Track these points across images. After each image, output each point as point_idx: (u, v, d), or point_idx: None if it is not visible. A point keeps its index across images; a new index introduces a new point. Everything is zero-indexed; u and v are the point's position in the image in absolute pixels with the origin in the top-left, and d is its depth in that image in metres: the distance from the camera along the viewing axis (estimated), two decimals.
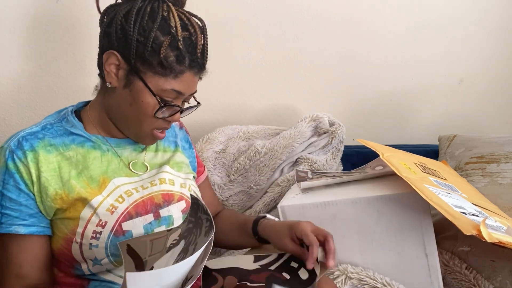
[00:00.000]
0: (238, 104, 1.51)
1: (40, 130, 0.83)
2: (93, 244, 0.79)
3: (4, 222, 0.77)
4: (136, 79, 0.80)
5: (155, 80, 0.80)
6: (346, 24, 1.50)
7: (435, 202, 0.85)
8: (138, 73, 0.80)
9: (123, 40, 0.79)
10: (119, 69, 0.81)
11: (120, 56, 0.80)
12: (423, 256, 0.94)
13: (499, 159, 1.22)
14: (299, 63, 1.51)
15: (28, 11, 1.24)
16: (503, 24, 1.60)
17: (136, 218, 0.82)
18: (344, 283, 0.93)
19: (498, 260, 0.94)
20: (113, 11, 0.82)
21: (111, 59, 0.81)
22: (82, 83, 1.33)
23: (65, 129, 0.84)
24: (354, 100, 1.59)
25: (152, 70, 0.79)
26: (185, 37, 0.80)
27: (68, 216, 0.79)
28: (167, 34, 0.79)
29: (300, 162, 1.31)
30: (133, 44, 0.78)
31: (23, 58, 1.28)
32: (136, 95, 0.81)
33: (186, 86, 0.82)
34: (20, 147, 0.79)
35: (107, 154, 0.86)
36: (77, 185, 0.80)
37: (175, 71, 0.80)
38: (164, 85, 0.80)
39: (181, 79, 0.81)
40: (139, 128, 0.84)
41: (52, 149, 0.81)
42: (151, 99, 0.80)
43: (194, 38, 0.81)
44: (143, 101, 0.81)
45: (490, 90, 1.66)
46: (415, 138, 1.65)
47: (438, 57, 1.59)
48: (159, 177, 0.88)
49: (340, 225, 0.97)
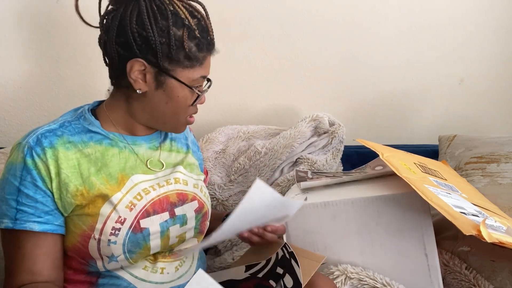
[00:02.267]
0: (238, 104, 1.51)
1: (58, 127, 0.83)
2: (111, 240, 0.79)
3: (19, 218, 0.77)
4: (167, 78, 0.82)
5: (185, 74, 0.83)
6: (347, 24, 1.50)
7: (435, 202, 0.85)
8: (168, 72, 0.82)
9: (145, 46, 0.80)
10: (145, 74, 0.82)
11: (145, 62, 0.81)
12: (423, 256, 0.94)
13: (499, 159, 1.22)
14: (299, 63, 1.51)
15: (28, 11, 1.24)
16: (504, 24, 1.60)
17: (153, 216, 0.83)
18: (344, 283, 0.93)
19: (498, 260, 0.94)
20: (116, 18, 0.81)
21: (136, 67, 0.81)
22: (82, 83, 1.33)
23: (83, 126, 0.85)
24: (354, 100, 1.59)
25: (181, 66, 0.82)
26: (197, 24, 0.83)
27: (86, 212, 0.80)
28: (182, 27, 0.81)
29: (300, 162, 1.31)
30: (158, 47, 0.79)
31: (23, 58, 1.28)
32: (170, 92, 0.83)
33: (208, 68, 0.87)
34: (39, 144, 0.79)
35: (124, 151, 0.87)
36: (97, 182, 0.81)
37: (199, 60, 0.84)
38: (194, 75, 0.84)
39: (205, 64, 0.85)
40: (176, 120, 0.88)
41: (71, 146, 0.82)
42: (187, 92, 0.84)
43: (203, 22, 0.84)
44: (179, 96, 0.84)
45: (490, 90, 1.66)
46: (415, 138, 1.65)
47: (438, 57, 1.59)
48: (174, 177, 0.90)
49: (340, 225, 0.97)
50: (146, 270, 0.85)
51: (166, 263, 0.87)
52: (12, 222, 0.77)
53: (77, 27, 0.88)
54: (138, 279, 0.84)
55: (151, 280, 0.85)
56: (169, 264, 0.87)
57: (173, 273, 0.88)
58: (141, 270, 0.84)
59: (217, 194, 1.30)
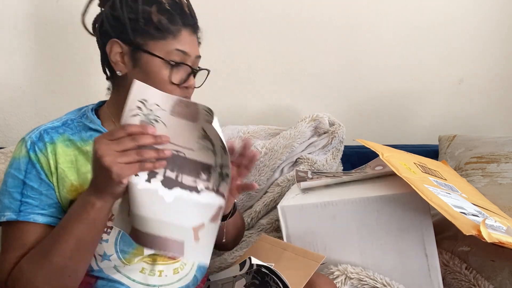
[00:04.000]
0: (238, 104, 1.51)
1: (61, 125, 0.86)
2: (103, 238, 0.80)
3: (23, 210, 0.79)
4: (141, 53, 0.83)
5: (158, 46, 0.83)
6: (347, 24, 1.50)
7: (435, 202, 0.85)
8: (140, 47, 0.83)
9: (117, 26, 0.83)
10: (123, 56, 0.84)
11: (120, 41, 0.83)
12: (423, 256, 0.93)
13: (499, 159, 1.22)
14: (299, 63, 1.51)
15: (28, 11, 1.24)
16: (503, 24, 1.60)
17: None
18: (344, 283, 0.93)
19: (498, 260, 0.94)
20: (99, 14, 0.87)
21: (114, 48, 0.84)
22: (82, 83, 1.33)
23: (84, 124, 0.87)
24: (354, 100, 1.59)
25: (151, 38, 0.82)
26: (169, 1, 0.84)
27: None
28: (153, 3, 0.83)
29: (300, 162, 1.31)
30: (127, 24, 0.82)
31: (23, 58, 1.28)
32: (146, 68, 0.83)
33: (188, 45, 0.85)
34: (41, 139, 0.82)
35: None
36: None
37: (172, 32, 0.83)
38: (168, 47, 0.83)
39: (181, 38, 0.84)
40: None
41: (70, 144, 0.84)
42: (161, 63, 0.83)
43: (178, 0, 0.85)
44: (154, 70, 0.83)
45: (490, 90, 1.66)
46: (415, 138, 1.65)
47: (438, 57, 1.59)
48: None
49: (340, 225, 0.97)
50: (144, 273, 0.85)
51: (165, 266, 0.87)
52: (16, 214, 0.78)
53: (77, 27, 0.89)
54: (136, 282, 0.84)
55: (149, 283, 0.84)
56: (167, 266, 0.87)
57: (172, 276, 0.87)
58: (138, 273, 0.84)
59: None
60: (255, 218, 1.27)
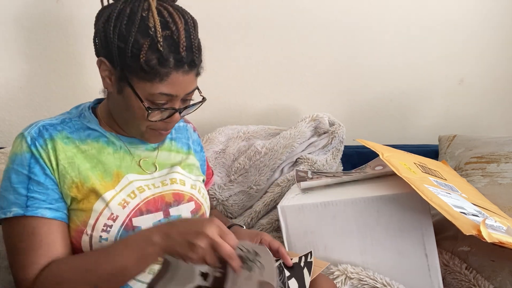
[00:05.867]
0: (238, 104, 1.51)
1: (59, 123, 0.85)
2: (103, 237, 0.80)
3: (31, 205, 0.78)
4: (125, 85, 0.78)
5: (142, 86, 0.77)
6: (347, 24, 1.50)
7: (435, 202, 0.85)
8: (126, 79, 0.78)
9: (106, 47, 0.78)
10: (111, 75, 0.81)
11: (108, 62, 0.79)
12: (423, 256, 0.94)
13: (499, 159, 1.22)
14: (299, 63, 1.51)
15: (28, 11, 1.24)
16: (504, 24, 1.60)
17: (146, 215, 0.83)
18: (344, 283, 0.93)
19: (498, 260, 0.94)
20: (102, 15, 0.81)
21: (103, 66, 0.81)
22: (81, 83, 1.33)
23: (82, 123, 0.86)
24: (354, 100, 1.59)
25: (136, 76, 0.77)
26: (166, 36, 0.76)
27: (81, 208, 0.80)
28: (147, 36, 0.75)
29: (300, 162, 1.31)
30: (115, 51, 0.76)
31: (23, 58, 1.28)
32: (128, 100, 0.80)
33: (177, 88, 0.79)
34: (41, 135, 0.81)
35: (119, 151, 0.87)
36: (92, 176, 0.82)
37: (160, 74, 0.76)
38: (151, 90, 0.77)
39: (169, 82, 0.77)
40: (139, 130, 0.84)
41: (69, 142, 0.83)
42: (141, 105, 0.79)
43: (176, 36, 0.76)
44: (134, 106, 0.79)
45: (490, 90, 1.66)
46: (415, 138, 1.65)
47: (438, 57, 1.59)
48: (170, 177, 0.89)
49: (340, 225, 0.97)
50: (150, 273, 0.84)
51: None
52: (23, 209, 0.77)
53: (77, 27, 0.89)
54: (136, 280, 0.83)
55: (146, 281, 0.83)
56: None
57: None
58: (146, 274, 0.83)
59: (217, 194, 1.30)
60: (255, 218, 1.27)
